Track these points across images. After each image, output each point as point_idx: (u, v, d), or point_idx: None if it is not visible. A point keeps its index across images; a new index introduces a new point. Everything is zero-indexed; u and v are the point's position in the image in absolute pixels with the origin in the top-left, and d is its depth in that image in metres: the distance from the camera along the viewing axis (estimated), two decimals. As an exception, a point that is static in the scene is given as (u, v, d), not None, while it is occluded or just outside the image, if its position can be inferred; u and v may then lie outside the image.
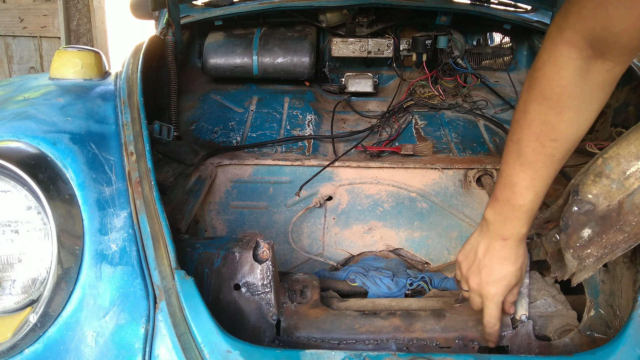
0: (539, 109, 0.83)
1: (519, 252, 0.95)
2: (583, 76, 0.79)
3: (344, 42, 2.00)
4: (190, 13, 2.04)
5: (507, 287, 0.96)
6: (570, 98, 0.81)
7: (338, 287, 1.32)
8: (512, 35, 2.15)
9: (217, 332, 0.87)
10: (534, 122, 0.84)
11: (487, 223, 0.96)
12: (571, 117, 0.82)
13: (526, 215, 0.91)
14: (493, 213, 0.94)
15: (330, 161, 1.54)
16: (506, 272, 0.95)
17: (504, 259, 0.95)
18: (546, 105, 0.82)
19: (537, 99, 0.83)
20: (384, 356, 0.87)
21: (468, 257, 1.00)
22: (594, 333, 1.05)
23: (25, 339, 0.88)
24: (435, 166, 1.55)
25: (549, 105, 0.82)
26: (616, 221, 0.89)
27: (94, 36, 4.55)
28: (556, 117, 0.82)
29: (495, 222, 0.94)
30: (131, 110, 1.17)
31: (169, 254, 0.95)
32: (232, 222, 1.57)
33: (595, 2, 0.72)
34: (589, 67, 0.79)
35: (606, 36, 0.73)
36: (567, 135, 0.84)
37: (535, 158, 0.86)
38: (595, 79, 0.80)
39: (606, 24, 0.72)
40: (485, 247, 0.96)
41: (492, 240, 0.96)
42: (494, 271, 0.95)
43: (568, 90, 0.80)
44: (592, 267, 0.94)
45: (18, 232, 0.93)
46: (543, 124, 0.83)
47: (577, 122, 0.83)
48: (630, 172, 0.87)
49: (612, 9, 0.70)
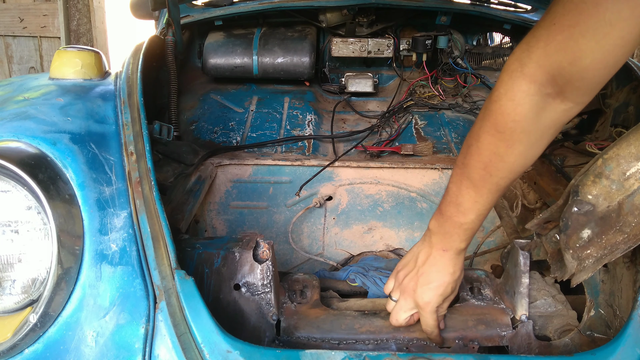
0: (490, 140, 0.84)
1: (457, 264, 0.98)
2: (538, 113, 0.80)
3: (344, 42, 2.00)
4: (190, 13, 2.04)
5: (442, 297, 0.98)
6: (523, 133, 0.82)
7: (338, 287, 1.31)
8: (512, 35, 2.15)
9: (217, 332, 0.87)
10: (484, 152, 0.86)
11: (430, 233, 0.99)
12: (521, 151, 0.84)
13: (466, 233, 0.95)
14: (436, 225, 0.98)
15: (330, 161, 1.54)
16: (443, 280, 0.97)
17: (442, 268, 0.97)
18: (498, 137, 0.83)
19: (490, 130, 0.84)
20: (384, 356, 0.87)
21: (408, 265, 1.02)
22: (594, 333, 1.05)
23: (25, 339, 0.88)
24: (435, 166, 1.55)
25: (501, 137, 0.83)
26: (616, 222, 0.89)
27: (94, 36, 4.55)
28: (507, 150, 0.84)
29: (437, 233, 0.97)
30: (131, 110, 1.17)
31: (169, 254, 0.95)
32: (232, 222, 1.57)
33: (565, 35, 0.71)
34: (546, 105, 0.79)
35: (572, 72, 0.73)
36: (514, 167, 0.86)
37: (481, 184, 0.89)
38: (550, 118, 0.80)
39: (574, 58, 0.71)
40: (425, 256, 0.99)
41: (432, 249, 0.98)
42: (431, 278, 0.97)
43: (521, 125, 0.81)
44: (591, 268, 0.94)
45: (18, 232, 0.93)
46: (493, 155, 0.85)
47: (526, 156, 0.85)
48: (630, 173, 0.87)
49: (582, 42, 0.69)
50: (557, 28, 0.72)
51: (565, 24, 0.71)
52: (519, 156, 0.85)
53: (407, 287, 1.00)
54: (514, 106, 0.80)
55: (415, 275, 0.99)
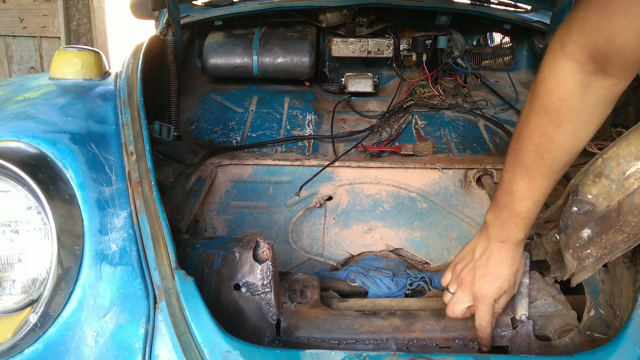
0: (539, 122, 0.85)
1: (515, 256, 0.97)
2: (584, 91, 0.80)
3: (344, 42, 2.00)
4: (190, 13, 2.04)
5: (500, 290, 0.97)
6: (570, 112, 0.82)
7: (338, 287, 1.31)
8: (512, 35, 2.15)
9: (217, 332, 0.87)
10: (534, 134, 0.86)
11: (487, 226, 0.98)
12: (570, 131, 0.84)
13: (523, 222, 0.94)
14: (492, 217, 0.97)
15: (330, 161, 1.54)
16: (500, 273, 0.97)
17: (500, 261, 0.97)
18: (546, 118, 0.84)
19: (537, 112, 0.84)
20: (384, 356, 0.87)
21: (465, 258, 1.02)
22: (594, 333, 1.05)
23: (25, 339, 0.88)
24: (435, 166, 1.55)
25: (548, 118, 0.83)
26: (616, 222, 0.89)
27: (94, 36, 4.55)
28: (555, 130, 0.84)
29: (494, 225, 0.96)
30: (131, 110, 1.17)
31: (169, 254, 0.95)
32: (232, 222, 1.57)
33: (599, 15, 0.73)
34: (590, 82, 0.79)
35: (609, 50, 0.74)
36: (565, 148, 0.86)
37: (534, 168, 0.88)
38: (596, 94, 0.81)
39: (609, 36, 0.73)
40: (483, 249, 0.98)
41: (490, 242, 0.97)
42: (489, 271, 0.97)
43: (568, 104, 0.81)
44: (591, 268, 0.94)
45: (18, 232, 0.93)
46: (543, 136, 0.85)
47: (576, 135, 0.85)
48: (630, 172, 0.87)
49: (615, 22, 0.71)
50: (592, 8, 0.74)
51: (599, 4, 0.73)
52: (569, 136, 0.84)
53: (465, 279, 1.00)
54: (558, 85, 0.81)
55: (473, 268, 0.99)
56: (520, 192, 0.91)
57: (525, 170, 0.89)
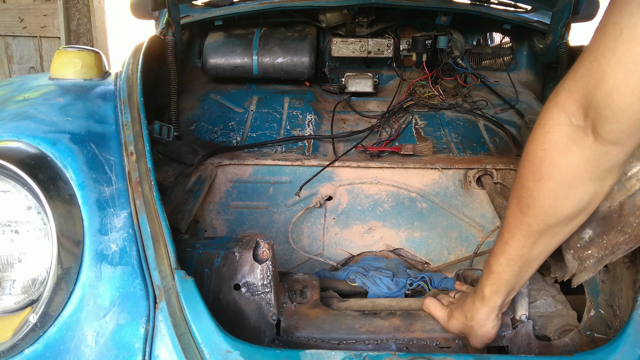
0: (522, 172, 0.82)
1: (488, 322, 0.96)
2: (569, 146, 0.75)
3: (344, 42, 2.00)
4: (190, 13, 2.04)
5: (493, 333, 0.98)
6: (552, 166, 0.77)
7: (338, 287, 1.31)
8: (512, 35, 2.15)
9: (217, 332, 0.87)
10: (517, 185, 0.83)
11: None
12: (551, 189, 0.79)
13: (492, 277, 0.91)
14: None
15: (330, 161, 1.54)
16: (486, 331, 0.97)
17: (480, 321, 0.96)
18: (528, 168, 0.80)
19: (523, 161, 0.81)
20: (384, 356, 0.87)
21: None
22: (594, 333, 1.05)
23: (25, 339, 0.88)
24: (435, 166, 1.55)
25: (530, 168, 0.80)
26: (617, 222, 0.89)
27: (94, 36, 4.55)
28: (535, 184, 0.80)
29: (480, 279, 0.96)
30: (131, 110, 1.17)
31: (169, 254, 0.95)
32: (232, 222, 1.57)
33: (590, 59, 0.70)
34: (577, 138, 0.74)
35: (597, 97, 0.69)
36: (545, 207, 0.80)
37: (513, 223, 0.85)
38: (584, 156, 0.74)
39: (598, 79, 0.69)
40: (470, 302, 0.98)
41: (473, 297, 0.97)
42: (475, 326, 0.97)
43: (550, 156, 0.77)
44: (592, 268, 0.94)
45: (18, 232, 0.93)
46: (523, 188, 0.82)
47: (557, 196, 0.79)
48: (632, 173, 0.87)
49: (604, 62, 0.68)
50: (585, 54, 0.72)
51: (591, 48, 0.71)
52: (549, 194, 0.79)
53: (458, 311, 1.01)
54: (544, 134, 0.77)
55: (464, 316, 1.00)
56: (497, 245, 0.89)
57: (507, 223, 0.87)
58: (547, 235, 0.84)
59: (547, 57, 1.98)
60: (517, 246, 0.86)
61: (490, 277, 0.91)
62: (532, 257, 0.87)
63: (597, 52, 0.69)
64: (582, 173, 0.76)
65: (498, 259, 0.89)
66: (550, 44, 1.92)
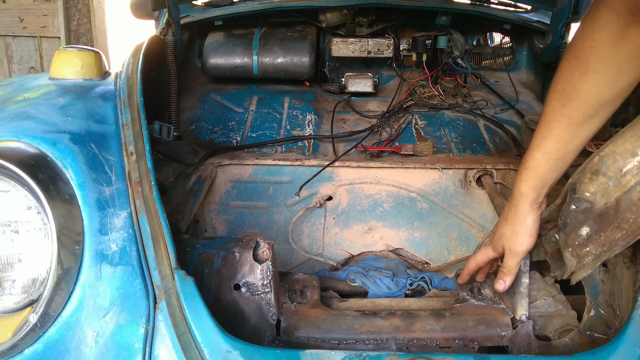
0: (566, 67, 0.85)
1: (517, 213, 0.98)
2: (616, 42, 0.80)
3: (344, 42, 2.00)
4: (190, 13, 2.04)
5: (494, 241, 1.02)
6: (598, 61, 0.81)
7: (338, 287, 1.31)
8: (512, 35, 2.15)
9: (217, 332, 0.87)
10: (559, 80, 0.86)
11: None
12: (595, 81, 0.83)
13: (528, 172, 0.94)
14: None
15: (330, 161, 1.54)
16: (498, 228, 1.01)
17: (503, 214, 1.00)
18: (574, 64, 0.84)
19: (568, 57, 0.85)
20: (384, 356, 0.87)
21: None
22: (594, 333, 1.05)
23: (25, 339, 0.88)
24: (435, 166, 1.55)
25: (576, 64, 0.83)
26: (614, 219, 0.89)
27: (94, 36, 4.55)
28: (580, 78, 0.83)
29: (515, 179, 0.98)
30: (131, 110, 1.17)
31: (169, 254, 0.95)
32: (232, 222, 1.57)
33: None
34: (625, 33, 0.79)
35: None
36: (587, 98, 0.85)
37: (552, 117, 0.88)
38: (629, 48, 0.79)
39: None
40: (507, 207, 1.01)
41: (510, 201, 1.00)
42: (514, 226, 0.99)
43: (597, 52, 0.81)
44: (591, 265, 0.94)
45: (18, 232, 0.93)
46: (566, 83, 0.85)
47: (600, 88, 0.83)
48: (627, 169, 0.87)
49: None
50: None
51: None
52: (593, 86, 0.83)
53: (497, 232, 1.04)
54: (593, 31, 0.81)
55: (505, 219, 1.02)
56: (534, 141, 0.91)
57: (545, 119, 0.89)
58: (584, 126, 0.88)
59: (547, 57, 1.98)
60: (556, 139, 0.89)
61: (526, 172, 0.94)
62: (568, 151, 0.91)
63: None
64: (626, 63, 0.81)
65: (534, 154, 0.92)
66: (550, 44, 1.92)
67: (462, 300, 1.11)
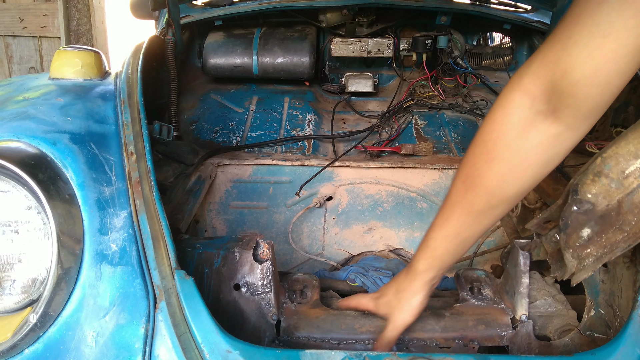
0: (474, 151, 0.83)
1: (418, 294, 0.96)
2: (525, 129, 0.76)
3: (344, 42, 2.00)
4: (190, 13, 2.04)
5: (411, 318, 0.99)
6: (505, 148, 0.78)
7: (338, 287, 1.31)
8: (512, 35, 2.15)
9: (217, 332, 0.87)
10: (467, 163, 0.84)
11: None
12: (500, 170, 0.80)
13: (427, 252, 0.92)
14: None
15: (330, 161, 1.54)
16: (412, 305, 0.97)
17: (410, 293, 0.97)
18: (481, 148, 0.81)
19: (476, 140, 0.82)
20: (384, 356, 0.87)
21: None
22: (594, 333, 1.05)
23: (25, 339, 0.88)
24: (435, 166, 1.55)
25: (483, 148, 0.81)
26: (615, 220, 0.89)
27: (94, 36, 4.55)
28: (485, 164, 0.81)
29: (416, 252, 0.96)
30: (131, 110, 1.17)
31: (169, 254, 0.95)
32: (232, 222, 1.57)
33: (560, 46, 0.70)
34: (536, 122, 0.76)
35: (563, 85, 0.70)
36: (491, 188, 0.82)
37: (455, 200, 0.86)
38: (537, 139, 0.76)
39: (566, 69, 0.69)
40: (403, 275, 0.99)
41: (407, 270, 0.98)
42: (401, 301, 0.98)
43: (505, 138, 0.78)
44: (591, 267, 0.94)
45: (18, 232, 0.93)
46: (472, 167, 0.83)
47: (505, 179, 0.80)
48: (629, 171, 0.87)
49: (575, 53, 0.68)
50: (555, 40, 0.72)
51: (563, 35, 0.70)
52: (497, 175, 0.80)
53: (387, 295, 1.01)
54: (503, 115, 0.78)
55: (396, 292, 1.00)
56: (437, 221, 0.90)
57: (449, 200, 0.87)
58: (486, 215, 0.86)
59: (547, 57, 1.97)
60: (457, 223, 0.87)
61: (426, 251, 0.93)
62: (468, 236, 0.89)
63: (569, 42, 0.69)
64: (532, 156, 0.78)
65: (436, 234, 0.90)
66: (550, 44, 1.91)
67: (462, 300, 1.11)
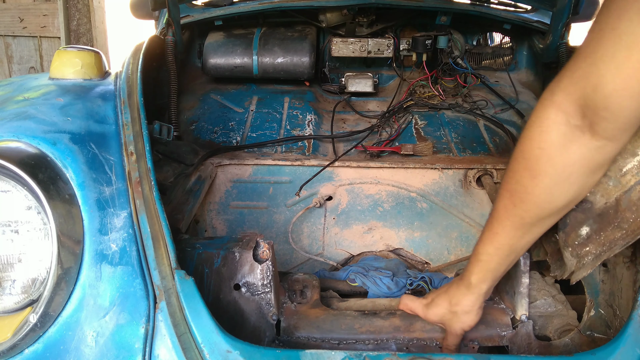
0: (516, 168, 0.83)
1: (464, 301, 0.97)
2: (566, 145, 0.77)
3: (344, 42, 1.99)
4: (190, 13, 2.04)
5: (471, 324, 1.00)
6: (549, 164, 0.79)
7: (338, 287, 1.31)
8: (512, 35, 2.15)
9: (217, 332, 0.87)
10: (510, 180, 0.85)
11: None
12: (546, 185, 0.81)
13: (479, 265, 0.94)
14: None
15: (330, 161, 1.54)
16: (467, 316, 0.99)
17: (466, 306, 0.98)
18: (523, 165, 0.82)
19: (517, 158, 0.83)
20: (384, 356, 0.87)
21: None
22: (594, 333, 1.05)
23: (25, 339, 0.88)
24: (435, 166, 1.55)
25: (526, 165, 0.82)
26: (614, 218, 0.89)
27: (94, 36, 4.55)
28: (530, 181, 0.82)
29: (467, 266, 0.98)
30: (131, 110, 1.17)
31: (169, 254, 0.95)
32: (232, 222, 1.57)
33: (588, 62, 0.71)
34: (575, 137, 0.76)
35: (596, 100, 0.71)
36: (539, 202, 0.83)
37: (504, 215, 0.87)
38: (580, 153, 0.77)
39: (597, 84, 0.70)
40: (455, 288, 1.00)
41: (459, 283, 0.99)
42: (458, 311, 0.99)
43: (547, 154, 0.79)
44: (590, 265, 0.94)
45: (18, 232, 0.93)
46: (517, 184, 0.84)
47: (552, 192, 0.82)
48: (627, 169, 0.87)
49: (602, 67, 0.69)
50: (582, 56, 0.72)
51: (588, 51, 0.71)
52: (544, 190, 0.81)
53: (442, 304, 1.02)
54: (540, 132, 0.79)
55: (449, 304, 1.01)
56: (486, 236, 0.91)
57: (497, 215, 0.88)
58: (537, 226, 0.88)
59: (547, 57, 1.98)
60: (507, 236, 0.89)
61: (478, 265, 0.94)
62: (520, 246, 0.91)
63: (595, 56, 0.69)
64: (577, 169, 0.79)
65: (487, 248, 0.92)
66: (550, 44, 1.92)
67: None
